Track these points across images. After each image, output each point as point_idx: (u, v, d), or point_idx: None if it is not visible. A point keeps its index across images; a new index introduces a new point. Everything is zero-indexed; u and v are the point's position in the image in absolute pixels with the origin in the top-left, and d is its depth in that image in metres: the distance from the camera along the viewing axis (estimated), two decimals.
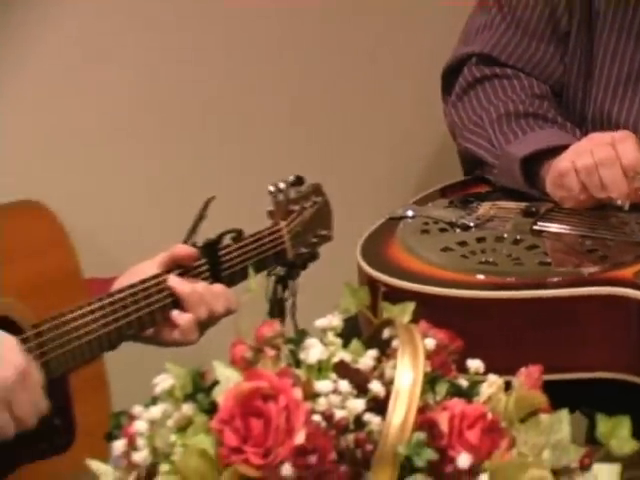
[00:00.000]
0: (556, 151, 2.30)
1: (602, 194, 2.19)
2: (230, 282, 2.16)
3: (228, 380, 1.30)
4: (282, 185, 2.27)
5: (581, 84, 2.41)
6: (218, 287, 2.10)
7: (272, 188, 2.26)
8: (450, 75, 2.48)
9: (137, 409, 1.31)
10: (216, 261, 2.14)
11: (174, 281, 2.06)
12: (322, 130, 3.01)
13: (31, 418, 1.85)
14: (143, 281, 2.04)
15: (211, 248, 2.14)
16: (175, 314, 2.06)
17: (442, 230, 2.30)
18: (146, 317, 2.04)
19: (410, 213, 2.33)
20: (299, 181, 2.29)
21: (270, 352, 1.34)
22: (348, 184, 2.68)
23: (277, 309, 2.28)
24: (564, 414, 1.32)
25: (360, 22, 3.13)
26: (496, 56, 2.42)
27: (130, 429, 1.30)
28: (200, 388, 1.32)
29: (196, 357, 1.49)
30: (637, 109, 2.36)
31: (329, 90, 3.10)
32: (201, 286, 2.09)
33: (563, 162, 2.25)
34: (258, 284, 1.81)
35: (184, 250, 2.10)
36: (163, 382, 1.32)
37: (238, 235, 2.18)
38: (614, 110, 2.38)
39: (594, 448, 1.33)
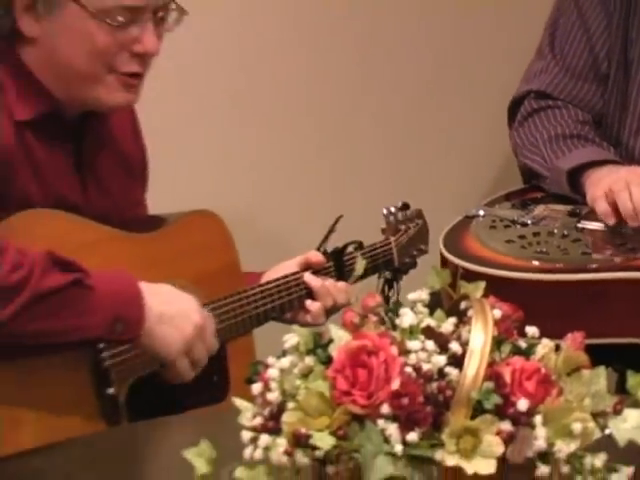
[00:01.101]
0: (595, 164, 2.29)
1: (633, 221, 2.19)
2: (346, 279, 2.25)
3: (340, 339, 1.33)
4: (393, 209, 2.38)
5: (617, 116, 2.40)
6: (341, 284, 2.20)
7: (385, 211, 2.37)
8: (514, 107, 2.51)
9: (270, 360, 1.32)
10: (341, 264, 2.25)
11: (309, 277, 2.16)
12: (416, 155, 3.04)
13: (205, 360, 1.92)
14: (286, 276, 2.15)
15: (338, 254, 2.25)
16: (308, 303, 2.16)
17: (506, 226, 2.33)
18: (286, 303, 2.14)
19: (481, 212, 2.36)
20: (405, 207, 2.40)
21: (373, 318, 1.35)
22: (436, 191, 2.67)
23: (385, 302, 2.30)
24: (601, 370, 1.33)
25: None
26: (549, 93, 2.45)
27: (265, 375, 1.31)
28: (319, 345, 1.35)
29: None
30: None
31: (416, 123, 3.06)
32: (329, 282, 2.19)
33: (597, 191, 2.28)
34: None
35: (316, 257, 2.20)
36: (291, 339, 1.34)
37: (359, 245, 2.30)
38: None
39: (624, 397, 1.32)
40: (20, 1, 1.88)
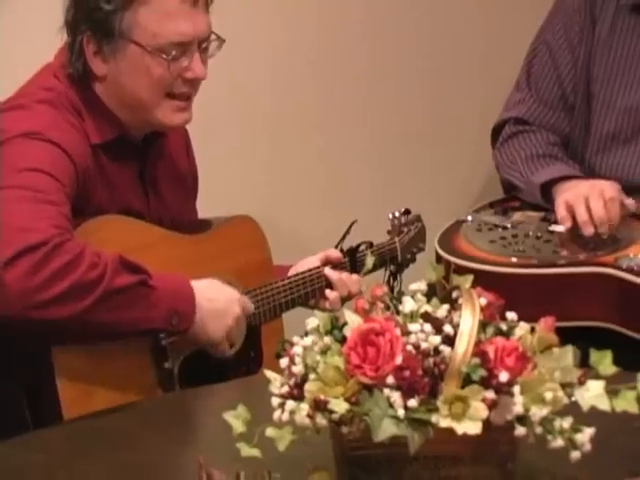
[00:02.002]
0: (563, 179, 2.29)
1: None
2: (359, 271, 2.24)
3: (353, 322, 1.32)
4: (397, 214, 2.37)
5: (581, 139, 2.39)
6: (355, 276, 2.18)
7: (390, 216, 2.37)
8: (496, 131, 2.51)
9: (295, 339, 1.31)
10: (354, 260, 2.24)
11: (329, 272, 2.16)
12: (418, 169, 3.02)
13: (239, 344, 1.95)
14: (310, 270, 2.15)
15: (352, 252, 2.24)
16: (328, 292, 2.15)
17: (490, 229, 2.33)
18: (309, 293, 2.13)
19: (470, 218, 2.36)
20: (407, 212, 2.38)
21: (380, 305, 1.34)
22: (433, 199, 2.67)
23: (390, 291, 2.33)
24: (569, 348, 1.32)
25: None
26: (526, 119, 2.45)
27: (291, 352, 1.30)
28: (335, 327, 1.33)
29: None
30: (618, 160, 2.32)
31: (418, 144, 3.03)
32: (344, 275, 2.17)
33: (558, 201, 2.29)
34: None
35: (335, 254, 2.20)
36: (312, 322, 1.33)
37: (369, 244, 2.29)
38: (603, 157, 2.34)
39: (587, 370, 1.31)
40: (89, 48, 1.88)
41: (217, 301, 1.85)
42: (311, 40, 2.84)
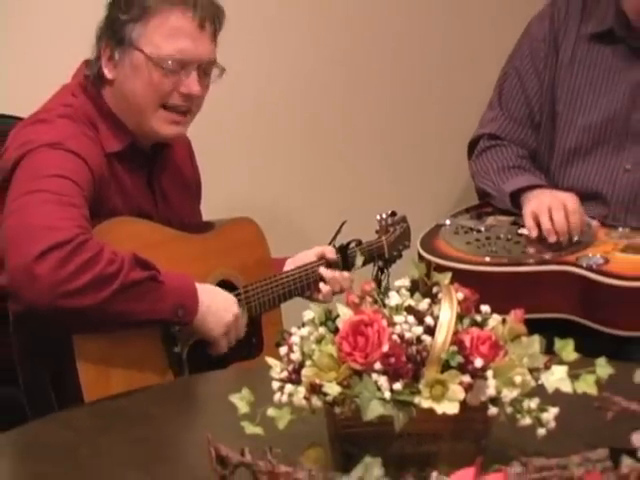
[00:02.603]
0: (530, 188, 2.29)
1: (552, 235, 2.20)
2: (350, 268, 2.23)
3: (345, 314, 1.30)
4: (384, 215, 2.36)
5: (547, 153, 2.39)
6: (345, 273, 2.17)
7: (379, 217, 2.36)
8: (472, 145, 2.51)
9: (293, 329, 1.30)
10: (345, 256, 2.22)
11: (323, 270, 2.14)
12: (404, 178, 3.01)
13: (236, 340, 1.91)
14: (305, 265, 2.13)
15: (343, 249, 2.22)
16: (321, 285, 2.13)
17: (466, 232, 2.33)
18: (305, 285, 2.11)
19: (448, 222, 2.36)
20: (394, 214, 2.37)
21: (369, 299, 1.32)
22: (417, 205, 2.67)
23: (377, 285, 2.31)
24: (535, 337, 1.31)
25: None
26: (498, 135, 2.44)
27: (289, 340, 1.29)
28: (329, 318, 1.32)
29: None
30: (581, 172, 2.32)
31: (406, 156, 3.03)
32: (337, 273, 2.15)
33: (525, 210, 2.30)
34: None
35: (330, 252, 2.18)
36: (308, 315, 1.32)
37: (359, 242, 2.28)
38: (565, 169, 2.34)
39: (552, 357, 1.30)
40: (106, 53, 1.90)
41: (217, 302, 1.84)
42: (303, 48, 2.81)
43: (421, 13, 2.97)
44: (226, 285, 1.96)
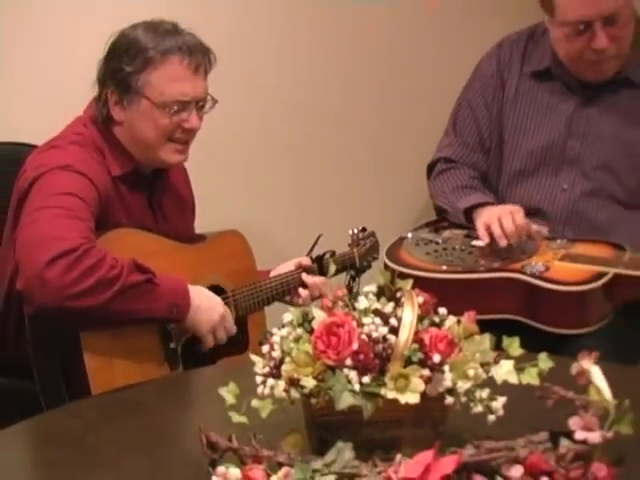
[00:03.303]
0: (480, 205, 2.29)
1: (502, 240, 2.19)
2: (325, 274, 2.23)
3: (319, 317, 1.29)
4: (356, 230, 2.35)
5: (495, 175, 2.40)
6: (322, 278, 2.16)
7: (351, 232, 2.35)
8: (430, 167, 2.52)
9: (274, 330, 1.29)
10: (321, 265, 2.21)
11: (305, 276, 2.13)
12: (372, 196, 2.95)
13: (225, 338, 1.90)
14: (286, 274, 2.12)
15: (319, 259, 2.21)
16: (301, 290, 2.13)
17: (426, 244, 2.31)
18: (286, 291, 2.11)
19: (410, 235, 2.35)
20: (364, 229, 2.36)
21: (341, 303, 1.31)
22: (383, 221, 2.66)
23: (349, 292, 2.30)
24: (486, 336, 1.30)
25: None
26: (452, 159, 2.44)
27: (271, 339, 1.28)
28: (305, 320, 1.31)
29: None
30: (525, 191, 2.32)
31: (373, 178, 2.98)
32: (317, 279, 2.14)
33: (478, 221, 2.29)
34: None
35: (306, 261, 2.17)
36: (287, 317, 1.31)
37: (333, 253, 2.26)
38: (511, 189, 2.35)
39: (501, 353, 1.30)
40: (112, 98, 1.89)
41: (206, 301, 1.84)
42: (276, 75, 2.75)
43: (380, 55, 2.89)
44: (216, 289, 1.95)
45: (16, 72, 2.39)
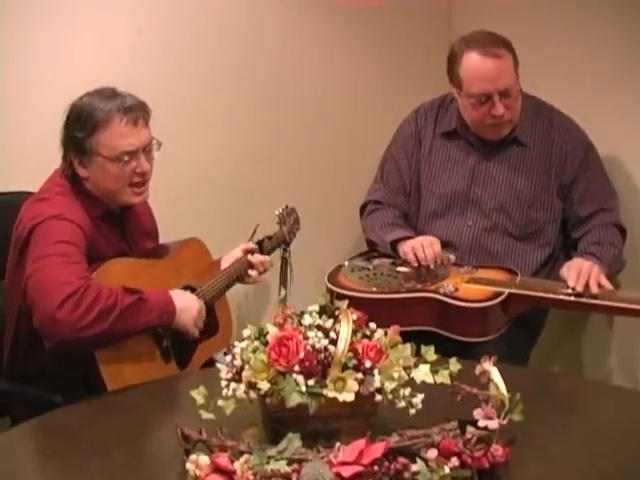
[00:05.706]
0: (403, 239, 2.30)
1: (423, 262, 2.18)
2: (267, 254, 2.25)
3: (272, 332, 1.29)
4: (281, 210, 2.36)
5: (416, 214, 2.42)
6: (264, 257, 2.18)
7: (277, 212, 2.36)
8: (363, 208, 2.51)
9: (236, 343, 1.28)
10: (262, 247, 2.22)
11: (250, 257, 2.14)
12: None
13: (201, 326, 1.88)
14: (237, 259, 2.13)
15: (260, 242, 2.22)
16: (250, 272, 2.15)
17: (359, 270, 2.29)
18: (240, 275, 2.13)
19: (347, 263, 2.34)
20: (287, 207, 2.37)
21: (289, 320, 1.31)
22: (324, 252, 2.61)
23: (283, 262, 2.39)
24: (408, 345, 1.31)
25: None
26: (380, 201, 2.46)
27: (233, 351, 1.27)
28: (261, 334, 1.30)
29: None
30: (438, 227, 2.35)
31: (314, 210, 2.74)
32: (261, 257, 2.17)
33: (404, 248, 2.27)
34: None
35: (251, 246, 2.17)
36: (246, 331, 1.30)
37: (269, 237, 2.28)
38: (428, 226, 2.37)
39: (420, 358, 1.31)
40: (75, 160, 1.86)
41: (185, 302, 1.83)
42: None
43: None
44: (189, 288, 1.95)
45: None
